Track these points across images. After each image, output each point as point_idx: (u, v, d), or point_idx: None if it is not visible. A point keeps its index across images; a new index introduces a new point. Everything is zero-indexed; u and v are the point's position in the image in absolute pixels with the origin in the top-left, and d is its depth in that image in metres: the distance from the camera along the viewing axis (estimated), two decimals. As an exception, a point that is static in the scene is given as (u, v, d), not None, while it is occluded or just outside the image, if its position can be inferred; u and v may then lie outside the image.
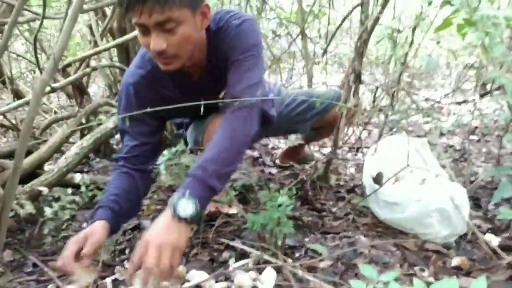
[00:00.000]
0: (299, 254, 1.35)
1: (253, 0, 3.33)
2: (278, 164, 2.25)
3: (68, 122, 1.90)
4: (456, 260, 1.25)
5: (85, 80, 2.52)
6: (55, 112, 2.63)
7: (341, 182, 1.95)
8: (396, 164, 1.56)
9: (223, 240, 1.39)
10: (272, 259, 1.21)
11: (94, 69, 2.27)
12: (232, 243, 1.36)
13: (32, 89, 2.62)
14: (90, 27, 2.48)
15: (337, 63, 4.70)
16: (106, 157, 2.33)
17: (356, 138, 2.28)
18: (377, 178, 1.56)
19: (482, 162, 2.19)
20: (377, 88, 2.46)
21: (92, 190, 1.49)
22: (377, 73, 3.84)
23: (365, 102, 3.04)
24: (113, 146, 2.43)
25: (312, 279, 1.13)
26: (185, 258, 1.30)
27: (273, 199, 1.25)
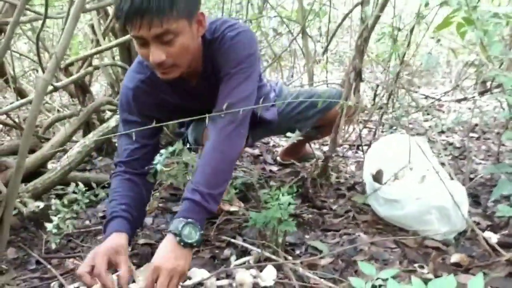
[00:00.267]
0: (300, 252, 1.36)
1: (254, -2, 3.33)
2: (279, 162, 2.26)
3: (71, 121, 1.92)
4: (455, 257, 1.26)
5: (87, 79, 2.53)
6: (58, 111, 2.64)
7: (342, 180, 1.96)
8: (396, 162, 1.57)
9: (224, 237, 1.41)
10: (272, 257, 1.23)
11: (96, 68, 2.28)
12: (233, 240, 1.37)
13: (34, 88, 2.64)
14: (92, 26, 2.49)
15: (338, 61, 4.70)
16: (109, 155, 2.35)
17: (356, 136, 2.29)
18: (377, 176, 1.57)
19: (481, 159, 2.19)
20: (378, 86, 2.47)
21: (93, 189, 1.50)
22: (377, 71, 3.85)
23: (365, 100, 3.05)
24: (116, 145, 2.44)
25: (312, 276, 1.14)
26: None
27: (274, 197, 1.26)
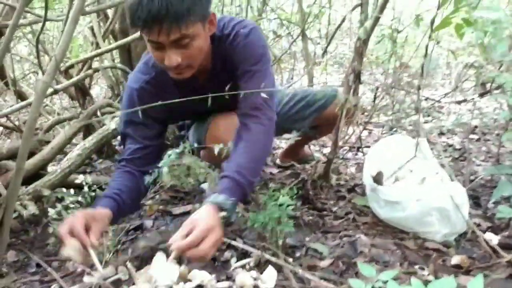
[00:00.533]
0: (300, 253, 1.36)
1: (254, 1, 3.34)
2: (279, 164, 2.26)
3: (71, 123, 1.92)
4: (456, 259, 1.26)
5: (87, 81, 2.53)
6: (58, 114, 2.65)
7: (342, 182, 1.96)
8: (396, 163, 1.57)
9: (225, 239, 1.40)
10: (273, 259, 1.22)
11: (96, 71, 2.29)
12: (233, 243, 1.37)
13: (34, 91, 2.64)
14: (92, 29, 2.50)
15: (337, 63, 4.71)
16: (109, 158, 2.35)
17: (356, 138, 2.29)
18: (377, 178, 1.57)
19: (481, 161, 2.19)
20: (377, 88, 2.47)
21: (94, 191, 1.50)
22: (377, 73, 3.85)
23: (365, 102, 3.05)
24: (116, 147, 2.44)
25: (312, 278, 1.14)
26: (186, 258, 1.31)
27: (273, 198, 1.26)
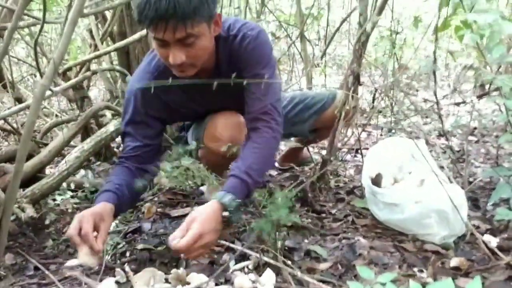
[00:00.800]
0: (299, 256, 1.35)
1: (252, 2, 3.35)
2: (278, 166, 2.25)
3: (69, 126, 1.91)
4: (454, 261, 1.25)
5: (85, 83, 2.53)
6: (56, 116, 2.64)
7: (341, 184, 1.96)
8: (395, 165, 1.57)
9: (223, 242, 1.40)
10: (271, 261, 1.22)
11: (95, 73, 2.28)
12: (232, 245, 1.37)
13: (33, 93, 2.63)
14: (91, 31, 2.49)
15: (336, 65, 4.71)
16: (107, 160, 2.34)
17: (355, 139, 2.29)
18: (376, 180, 1.56)
19: (480, 162, 2.19)
20: (376, 89, 2.47)
21: (93, 193, 1.50)
22: (376, 74, 3.85)
23: (364, 104, 3.05)
24: (114, 149, 2.43)
25: (311, 280, 1.13)
26: (185, 260, 1.31)
27: (272, 202, 1.26)
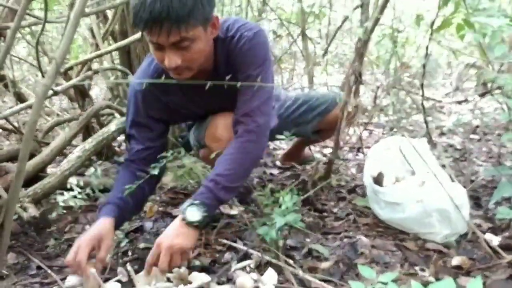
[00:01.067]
0: (300, 255, 1.35)
1: (254, 1, 3.34)
2: (279, 165, 2.25)
3: (70, 125, 1.91)
4: (456, 260, 1.26)
5: (87, 83, 2.52)
6: (58, 115, 2.64)
7: (342, 183, 1.96)
8: (396, 164, 1.57)
9: (225, 241, 1.40)
10: (273, 260, 1.22)
11: (96, 72, 2.28)
12: (234, 244, 1.37)
13: (34, 92, 2.63)
14: (92, 30, 2.49)
15: (338, 63, 4.70)
16: (109, 160, 2.34)
17: (357, 138, 2.29)
18: (378, 178, 1.56)
19: (482, 161, 2.19)
20: (378, 88, 2.46)
21: (94, 192, 1.50)
22: (378, 72, 3.84)
23: (366, 102, 3.04)
24: (116, 149, 2.44)
25: (313, 279, 1.13)
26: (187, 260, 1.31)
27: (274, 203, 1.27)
